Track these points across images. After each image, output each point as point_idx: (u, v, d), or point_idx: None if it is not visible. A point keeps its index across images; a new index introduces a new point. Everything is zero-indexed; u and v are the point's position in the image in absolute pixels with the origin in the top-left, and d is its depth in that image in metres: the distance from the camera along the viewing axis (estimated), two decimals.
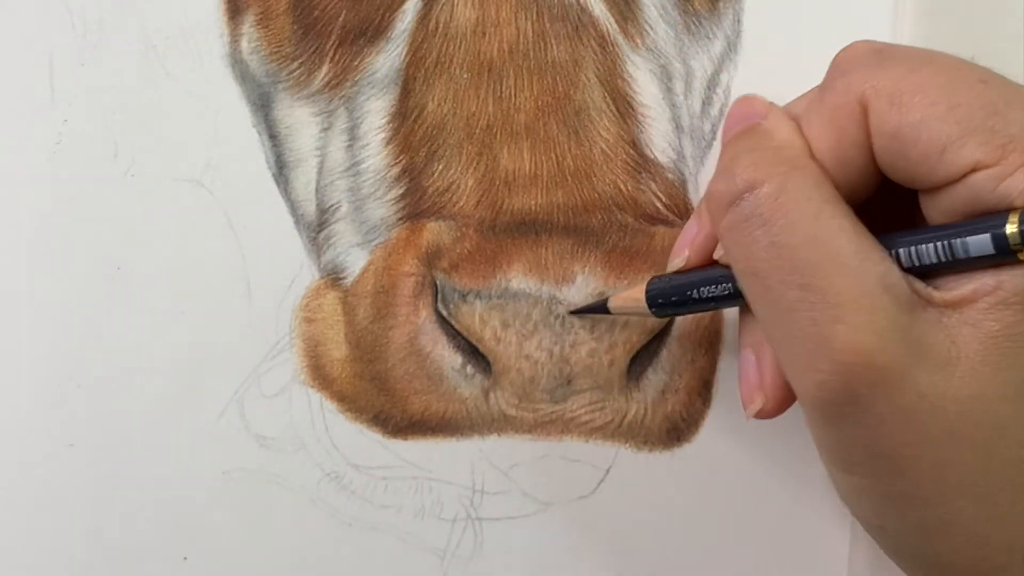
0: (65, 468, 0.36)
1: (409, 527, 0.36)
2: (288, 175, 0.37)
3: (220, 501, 0.36)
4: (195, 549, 0.36)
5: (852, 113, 0.26)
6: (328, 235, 0.36)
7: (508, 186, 0.34)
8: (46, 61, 0.37)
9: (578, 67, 0.35)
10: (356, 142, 0.36)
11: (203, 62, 0.37)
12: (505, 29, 0.35)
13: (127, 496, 0.36)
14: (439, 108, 0.35)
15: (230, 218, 0.36)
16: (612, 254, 0.34)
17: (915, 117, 0.24)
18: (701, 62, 0.37)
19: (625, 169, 0.35)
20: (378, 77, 0.36)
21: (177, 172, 0.37)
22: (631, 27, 0.36)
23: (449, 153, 0.35)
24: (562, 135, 0.35)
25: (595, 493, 0.36)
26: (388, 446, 0.36)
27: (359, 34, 0.36)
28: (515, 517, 0.36)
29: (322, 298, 0.36)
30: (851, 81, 0.26)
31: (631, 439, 0.35)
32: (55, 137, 0.37)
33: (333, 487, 0.36)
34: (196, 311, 0.36)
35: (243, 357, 0.36)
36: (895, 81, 0.25)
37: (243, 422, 0.36)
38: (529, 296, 0.34)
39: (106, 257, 0.36)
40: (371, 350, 0.35)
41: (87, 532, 0.36)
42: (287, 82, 0.37)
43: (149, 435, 0.36)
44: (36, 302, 0.36)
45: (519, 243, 0.34)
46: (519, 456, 0.35)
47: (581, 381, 0.34)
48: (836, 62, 0.27)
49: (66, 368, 0.36)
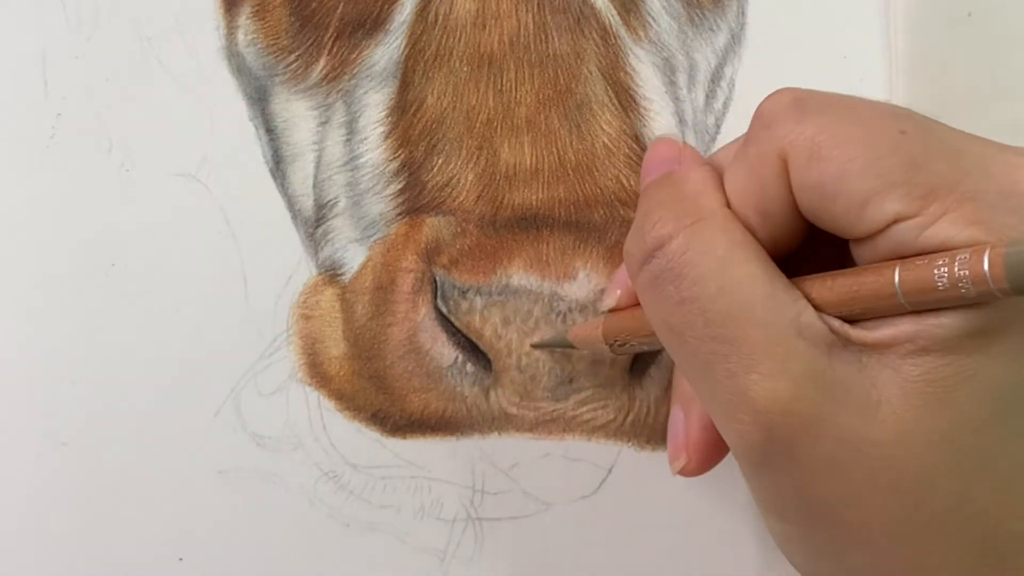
0: (59, 467, 0.35)
1: (408, 527, 0.35)
2: (285, 170, 0.37)
3: (216, 501, 0.35)
4: (191, 550, 0.35)
5: (773, 166, 0.25)
6: (326, 231, 0.36)
7: (509, 181, 0.34)
8: (39, 54, 0.37)
9: (580, 60, 0.35)
10: (354, 136, 0.36)
11: (198, 55, 0.37)
12: (505, 21, 0.35)
13: (121, 496, 0.35)
14: (439, 102, 0.35)
15: (226, 213, 0.36)
16: (614, 250, 0.34)
17: (834, 172, 0.24)
18: (705, 55, 0.37)
19: (627, 163, 0.35)
20: (376, 70, 0.35)
21: (172, 167, 0.36)
22: (633, 19, 0.36)
23: (449, 147, 0.35)
24: (563, 129, 0.34)
25: (597, 493, 0.35)
26: (387, 445, 0.35)
27: (357, 26, 0.36)
28: (516, 517, 0.35)
29: (320, 295, 0.36)
30: (772, 134, 0.25)
31: (634, 438, 0.35)
32: (48, 131, 0.36)
33: (331, 486, 0.35)
34: (191, 308, 0.36)
35: (239, 354, 0.36)
36: (814, 135, 0.25)
37: (239, 420, 0.36)
38: (530, 292, 0.33)
39: (100, 253, 0.36)
40: (369, 347, 0.35)
41: (81, 532, 0.35)
42: (284, 75, 0.36)
43: (144, 433, 0.35)
44: (29, 298, 0.36)
45: (520, 239, 0.34)
46: (520, 455, 0.35)
47: (583, 379, 0.34)
48: (759, 112, 0.26)
49: (59, 366, 0.36)
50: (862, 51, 0.37)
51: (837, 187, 0.24)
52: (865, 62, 0.36)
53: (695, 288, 0.25)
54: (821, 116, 0.25)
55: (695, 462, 0.30)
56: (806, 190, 0.25)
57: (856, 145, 0.24)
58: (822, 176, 0.24)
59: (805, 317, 0.24)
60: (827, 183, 0.24)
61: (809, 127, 0.25)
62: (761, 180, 0.26)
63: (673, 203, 0.27)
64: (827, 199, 0.25)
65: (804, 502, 0.25)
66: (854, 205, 0.24)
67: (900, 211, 0.23)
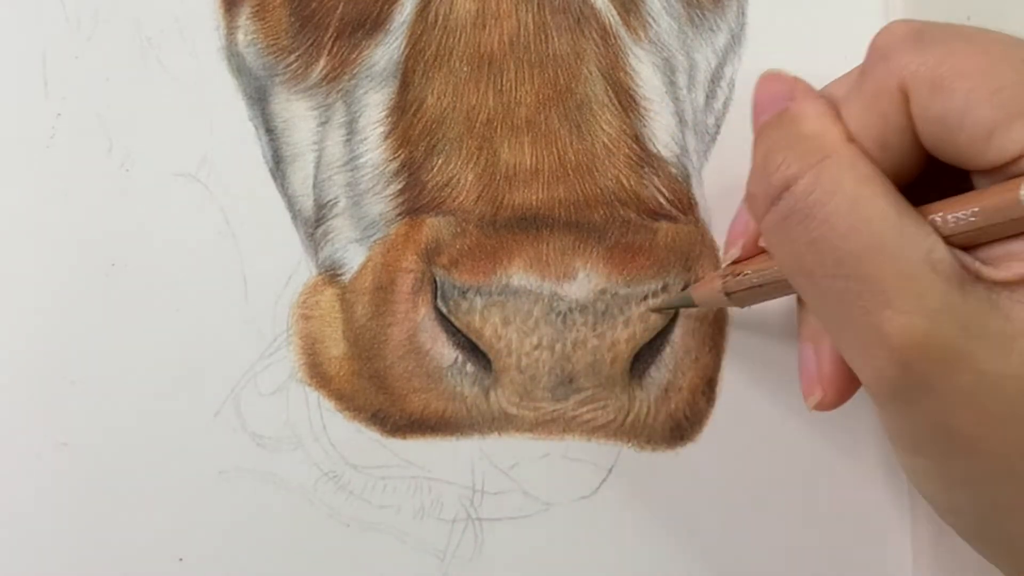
0: (58, 467, 0.35)
1: (408, 527, 0.35)
2: (285, 170, 0.36)
3: (216, 501, 0.35)
4: (191, 550, 0.35)
5: (893, 99, 0.25)
6: (326, 231, 0.36)
7: (509, 181, 0.34)
8: (39, 54, 0.37)
9: (580, 60, 0.35)
10: (354, 136, 0.36)
11: (198, 55, 0.37)
12: (506, 21, 0.35)
13: (121, 496, 0.35)
14: (439, 102, 0.35)
15: (226, 213, 0.36)
16: (614, 250, 0.34)
17: (958, 103, 0.24)
18: (705, 55, 0.37)
19: (627, 163, 0.35)
20: (377, 70, 0.35)
21: (172, 167, 0.36)
22: (633, 19, 0.36)
23: (449, 147, 0.35)
24: (563, 129, 0.34)
25: (597, 493, 0.35)
26: (387, 445, 0.35)
27: (357, 26, 0.36)
28: (516, 517, 0.35)
29: (320, 295, 0.36)
30: (891, 66, 0.26)
31: (634, 438, 0.35)
32: (48, 131, 0.36)
33: (331, 487, 0.35)
34: (191, 308, 0.36)
35: (239, 354, 0.36)
36: (935, 66, 0.25)
37: (239, 420, 0.36)
38: (530, 293, 0.33)
39: (100, 253, 0.36)
40: (369, 347, 0.35)
41: (80, 532, 0.35)
42: (284, 75, 0.36)
43: (144, 434, 0.35)
44: (29, 298, 0.36)
45: (520, 239, 0.34)
46: (520, 455, 0.35)
47: (583, 379, 0.34)
48: (875, 45, 0.26)
49: (59, 366, 0.36)
50: (862, 51, 0.36)
51: (961, 118, 0.24)
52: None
53: (825, 227, 0.25)
54: (941, 46, 0.25)
55: (831, 395, 0.29)
56: (929, 122, 0.25)
57: (980, 75, 0.24)
58: (945, 107, 0.24)
59: (936, 252, 0.24)
60: (951, 114, 0.24)
61: (930, 58, 0.25)
62: (881, 112, 0.26)
63: (796, 142, 0.27)
64: (951, 130, 0.25)
65: (942, 435, 0.25)
66: (979, 136, 0.24)
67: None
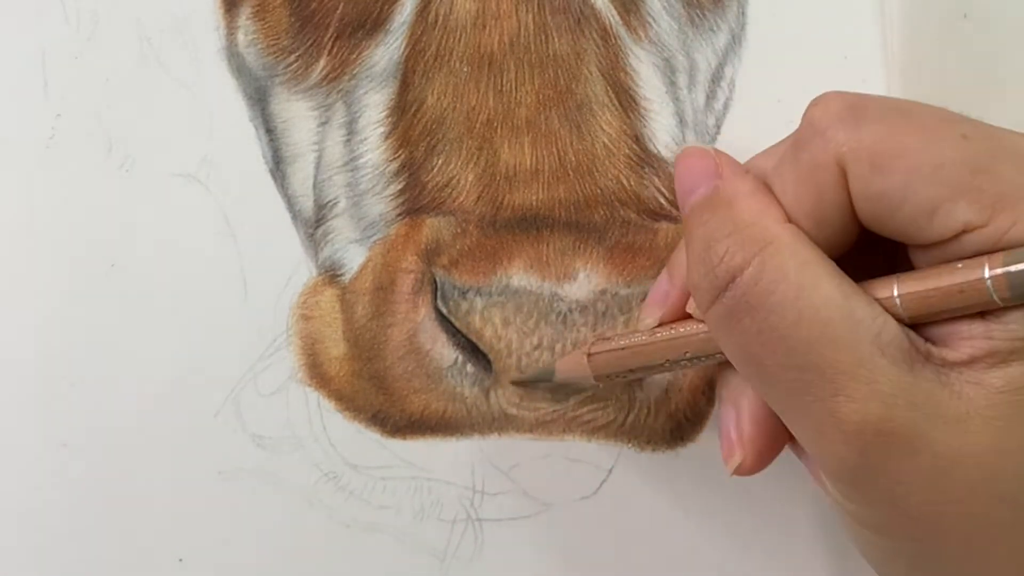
0: (58, 468, 0.35)
1: (408, 528, 0.35)
2: (285, 170, 0.36)
3: (216, 501, 0.35)
4: (191, 550, 0.35)
5: (830, 174, 0.25)
6: (326, 231, 0.36)
7: (509, 181, 0.34)
8: (39, 54, 0.37)
9: (580, 60, 0.35)
10: (354, 136, 0.35)
11: (198, 55, 0.37)
12: (506, 21, 0.35)
13: (121, 496, 0.35)
14: (439, 102, 0.35)
15: (226, 214, 0.36)
16: (614, 250, 0.34)
17: (898, 181, 0.24)
18: (705, 55, 0.37)
19: (628, 164, 0.34)
20: (377, 70, 0.35)
21: (172, 167, 0.36)
22: (634, 19, 0.36)
23: (449, 148, 0.35)
24: (564, 129, 0.34)
25: (597, 493, 0.35)
26: (387, 446, 0.35)
27: (357, 26, 0.36)
28: (516, 518, 0.35)
29: (320, 295, 0.36)
30: (827, 141, 0.25)
31: (634, 439, 0.35)
32: (48, 131, 0.36)
33: (331, 487, 0.35)
34: (191, 308, 0.36)
35: (239, 355, 0.36)
36: (874, 143, 0.24)
37: (239, 421, 0.36)
38: (530, 293, 0.33)
39: (99, 253, 0.36)
40: (369, 348, 0.35)
41: (81, 532, 0.35)
42: (284, 75, 0.36)
43: (143, 434, 0.35)
44: (28, 299, 0.36)
45: (520, 239, 0.34)
46: (520, 456, 0.35)
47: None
48: (810, 118, 0.26)
49: (59, 367, 0.36)
50: (862, 51, 0.37)
51: (903, 196, 0.24)
52: (866, 62, 0.36)
53: (773, 317, 0.25)
54: (878, 123, 0.25)
55: (751, 459, 0.29)
56: (868, 199, 0.25)
57: (919, 152, 0.24)
58: (886, 185, 0.24)
59: (886, 334, 0.24)
60: (891, 192, 0.24)
61: (867, 135, 0.25)
62: (817, 187, 0.25)
63: (735, 229, 0.26)
64: (892, 207, 0.24)
65: (901, 516, 0.25)
66: (922, 214, 0.24)
67: (970, 219, 0.23)
